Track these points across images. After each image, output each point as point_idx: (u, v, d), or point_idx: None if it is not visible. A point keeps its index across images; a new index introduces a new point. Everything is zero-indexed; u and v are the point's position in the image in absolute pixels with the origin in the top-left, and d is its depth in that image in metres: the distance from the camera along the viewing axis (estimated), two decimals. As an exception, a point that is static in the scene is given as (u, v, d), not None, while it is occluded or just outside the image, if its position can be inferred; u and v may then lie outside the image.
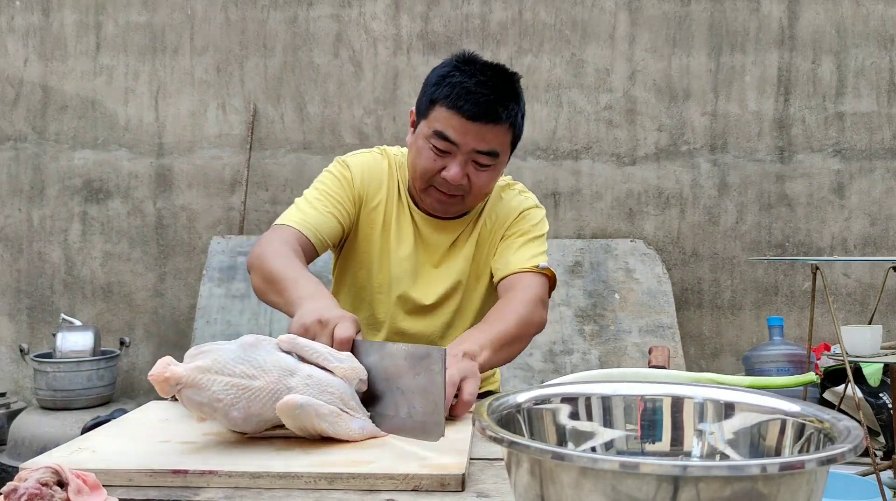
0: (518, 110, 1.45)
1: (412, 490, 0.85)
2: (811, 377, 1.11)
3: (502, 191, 1.62)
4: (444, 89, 1.41)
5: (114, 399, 3.34)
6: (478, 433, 0.65)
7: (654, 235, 3.62)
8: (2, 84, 3.74)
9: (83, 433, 1.14)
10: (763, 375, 3.11)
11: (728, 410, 0.73)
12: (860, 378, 2.68)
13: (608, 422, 0.75)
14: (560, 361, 3.24)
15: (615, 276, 3.43)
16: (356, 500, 0.83)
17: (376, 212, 1.56)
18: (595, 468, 0.54)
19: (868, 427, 2.79)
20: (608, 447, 0.75)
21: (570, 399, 0.76)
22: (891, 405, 2.87)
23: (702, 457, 0.73)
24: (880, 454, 2.92)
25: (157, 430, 1.06)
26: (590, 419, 0.75)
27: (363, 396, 1.06)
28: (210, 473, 0.87)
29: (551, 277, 1.54)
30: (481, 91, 1.39)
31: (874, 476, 2.19)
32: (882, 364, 2.61)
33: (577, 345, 3.28)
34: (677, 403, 0.75)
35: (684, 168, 3.63)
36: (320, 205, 1.50)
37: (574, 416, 0.75)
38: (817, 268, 2.41)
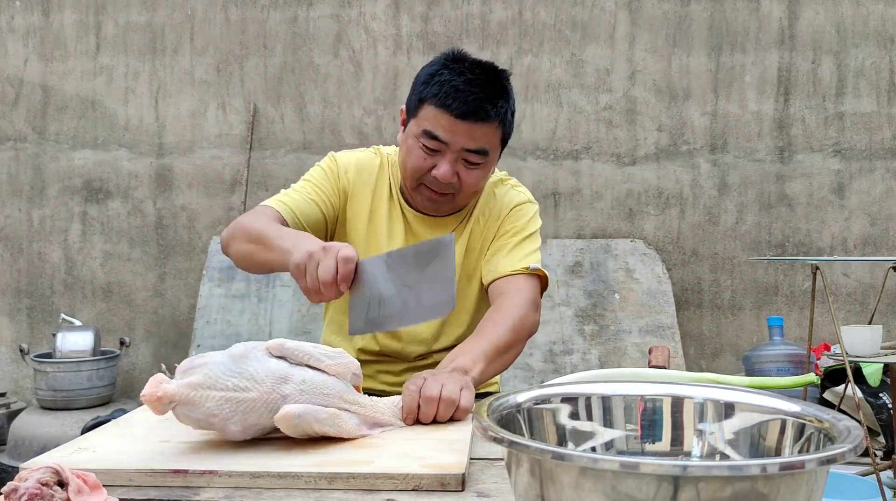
0: (507, 108, 1.45)
1: (412, 490, 0.85)
2: (811, 377, 1.11)
3: (495, 187, 1.61)
4: (432, 88, 1.41)
5: (114, 399, 3.34)
6: (478, 433, 0.65)
7: (654, 235, 3.62)
8: (2, 84, 3.74)
9: (83, 433, 1.14)
10: (763, 375, 3.12)
11: (728, 410, 0.73)
12: (860, 378, 2.68)
13: (608, 422, 0.75)
14: (560, 361, 3.24)
15: (615, 276, 3.43)
16: (356, 500, 0.83)
17: (363, 208, 1.56)
18: (595, 468, 0.54)
19: (868, 427, 2.79)
20: (608, 447, 0.75)
21: (570, 399, 0.76)
22: (891, 405, 2.87)
23: (702, 457, 0.73)
24: (880, 454, 2.92)
25: (157, 430, 1.06)
26: (590, 419, 0.76)
27: (374, 300, 1.08)
28: (210, 473, 0.87)
29: (543, 277, 1.53)
30: (470, 89, 1.39)
31: (874, 476, 2.19)
32: (882, 364, 2.61)
33: (577, 345, 3.28)
34: (677, 403, 0.75)
35: (684, 168, 3.62)
36: (304, 192, 1.52)
37: (574, 416, 0.75)
38: (817, 268, 2.41)
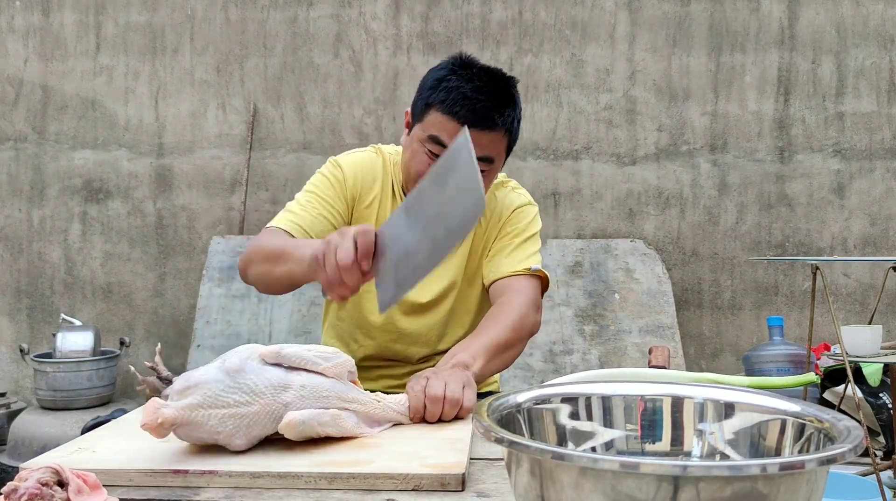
0: (514, 116, 1.44)
1: (412, 490, 0.85)
2: (811, 377, 1.11)
3: (496, 189, 1.61)
4: (440, 94, 1.40)
5: (114, 399, 3.34)
6: (478, 433, 0.65)
7: (654, 235, 3.62)
8: (2, 84, 3.74)
9: (83, 433, 1.14)
10: (763, 375, 3.12)
11: (728, 410, 0.73)
12: (860, 378, 2.68)
13: (608, 422, 0.75)
14: (560, 361, 3.24)
15: (615, 276, 3.43)
16: (356, 500, 0.83)
17: (370, 211, 1.56)
18: (595, 468, 0.54)
19: (868, 427, 2.79)
20: (608, 447, 0.75)
21: (570, 399, 0.76)
22: (891, 405, 2.87)
23: (702, 457, 0.73)
24: (880, 454, 2.92)
25: (157, 430, 1.06)
26: (590, 419, 0.75)
27: (400, 264, 1.10)
28: (210, 473, 0.87)
29: (544, 278, 1.53)
30: (477, 97, 1.38)
31: (874, 476, 2.19)
32: (882, 364, 2.60)
33: (577, 345, 3.28)
34: (677, 403, 0.75)
35: (684, 168, 3.62)
36: (311, 207, 1.50)
37: (574, 416, 0.75)
38: (817, 268, 2.41)
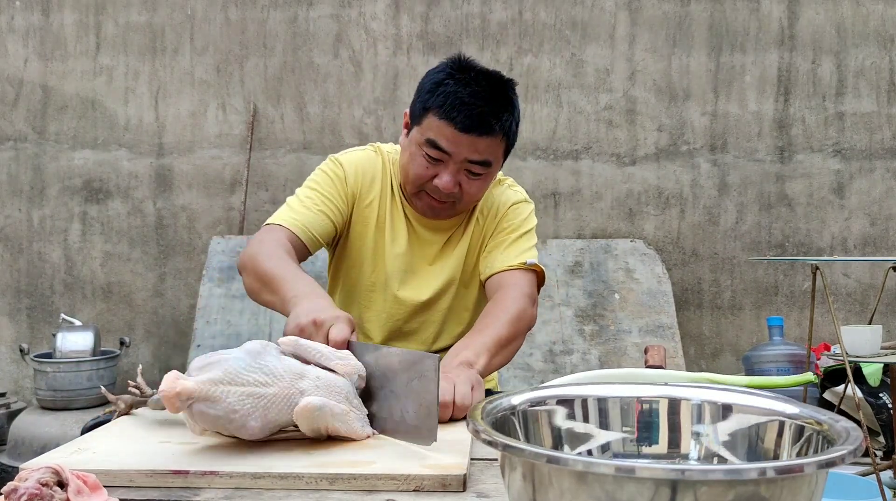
0: (512, 120, 1.44)
1: (413, 491, 0.85)
2: (809, 376, 1.11)
3: (493, 187, 1.62)
4: (437, 98, 1.40)
5: (114, 399, 3.34)
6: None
7: (654, 235, 3.62)
8: (2, 84, 3.74)
9: (83, 433, 1.14)
10: (763, 375, 3.11)
11: (726, 412, 0.73)
12: (860, 378, 2.68)
13: (604, 424, 0.75)
14: (560, 361, 3.24)
15: (615, 276, 3.43)
16: (357, 500, 0.83)
17: (370, 209, 1.56)
18: (590, 472, 0.54)
19: (868, 427, 2.79)
20: (604, 449, 0.74)
21: (565, 401, 0.76)
22: (891, 405, 2.87)
23: (699, 460, 0.72)
24: (880, 454, 2.92)
25: (157, 430, 1.06)
26: (586, 421, 0.75)
27: (360, 395, 1.07)
28: (211, 473, 0.87)
29: (539, 272, 1.54)
30: (475, 102, 1.38)
31: (874, 476, 2.19)
32: (882, 364, 2.61)
33: (577, 345, 3.28)
34: (674, 405, 0.75)
35: (684, 168, 3.62)
36: (311, 204, 1.50)
37: (570, 418, 0.75)
38: (817, 268, 2.41)
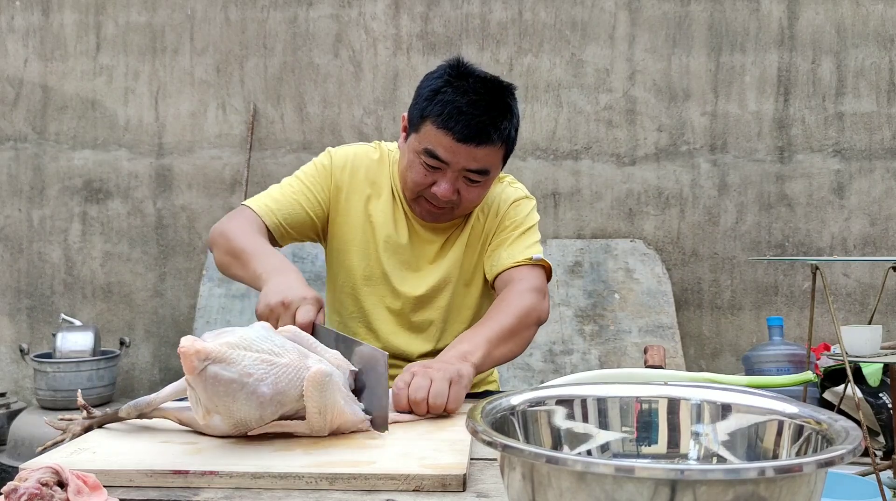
0: (510, 127, 1.43)
1: (413, 491, 0.85)
2: (809, 375, 1.12)
3: (493, 185, 1.62)
4: (435, 106, 1.39)
5: (114, 399, 3.34)
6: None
7: (654, 235, 3.62)
8: (2, 84, 3.74)
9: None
10: (763, 375, 3.11)
11: (725, 412, 0.73)
12: (860, 378, 2.68)
13: (604, 424, 0.75)
14: (560, 361, 3.24)
15: (615, 276, 3.43)
16: (357, 500, 0.83)
17: (358, 204, 1.55)
18: (589, 472, 0.54)
19: (868, 427, 2.79)
20: (604, 449, 0.74)
21: (565, 401, 0.76)
22: (891, 405, 2.87)
23: (699, 460, 0.72)
24: (880, 454, 2.92)
25: (157, 430, 1.06)
26: (585, 421, 0.75)
27: None
28: (211, 473, 0.87)
29: (547, 267, 1.54)
30: (473, 112, 1.37)
31: (874, 476, 2.19)
32: (882, 364, 2.61)
33: (577, 345, 3.28)
34: (674, 404, 0.75)
35: (684, 168, 3.62)
36: (289, 191, 1.52)
37: (569, 418, 0.75)
38: (817, 268, 2.41)
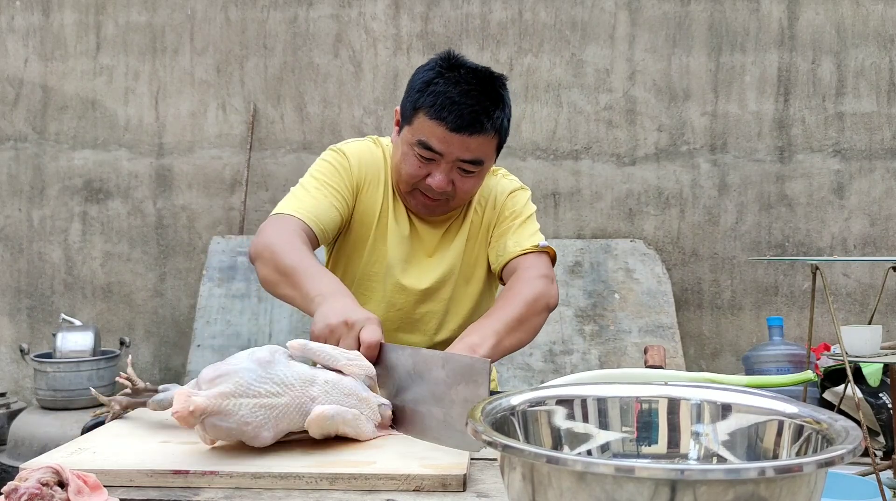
0: (503, 116, 1.44)
1: (413, 490, 0.85)
2: (809, 375, 1.11)
3: (487, 178, 1.63)
4: (428, 97, 1.39)
5: (114, 399, 3.34)
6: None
7: (654, 235, 3.62)
8: (2, 84, 3.74)
9: (83, 433, 1.14)
10: (763, 375, 3.11)
11: (725, 411, 0.73)
12: (860, 378, 2.68)
13: (604, 424, 0.75)
14: (560, 361, 3.24)
15: (615, 276, 3.43)
16: (357, 500, 0.83)
17: (372, 199, 1.56)
18: (590, 472, 0.54)
19: (868, 427, 2.79)
20: (604, 449, 0.74)
21: (565, 401, 0.76)
22: (891, 405, 2.87)
23: (699, 460, 0.72)
24: (880, 454, 2.92)
25: (157, 430, 1.06)
26: (585, 421, 0.75)
27: (399, 395, 1.07)
28: (211, 473, 0.87)
29: (552, 254, 1.55)
30: (465, 101, 1.38)
31: (874, 476, 2.19)
32: (882, 364, 2.61)
33: (577, 345, 3.28)
34: (674, 404, 0.75)
35: (684, 168, 3.62)
36: (320, 195, 1.48)
37: (570, 418, 0.75)
38: (817, 268, 2.40)
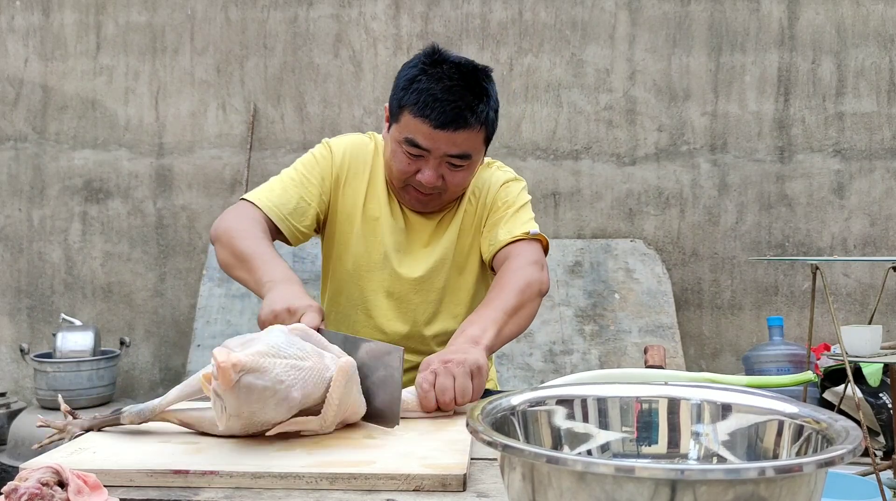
0: (488, 109, 1.45)
1: (413, 490, 0.85)
2: (809, 375, 1.11)
3: (482, 170, 1.64)
4: (411, 95, 1.41)
5: (114, 399, 3.34)
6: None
7: (654, 235, 3.62)
8: (2, 84, 3.74)
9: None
10: (763, 375, 3.12)
11: (725, 411, 0.73)
12: (860, 378, 2.68)
13: (604, 424, 0.75)
14: (560, 361, 3.24)
15: (615, 276, 3.43)
16: (357, 500, 0.83)
17: (357, 195, 1.57)
18: (590, 472, 0.54)
19: (868, 427, 2.79)
20: (604, 449, 0.74)
21: (565, 401, 0.76)
22: (891, 405, 2.87)
23: (699, 460, 0.72)
24: (880, 454, 2.92)
25: (157, 430, 1.06)
26: (585, 421, 0.75)
27: None
28: (211, 473, 0.87)
29: (544, 241, 1.55)
30: (448, 98, 1.39)
31: (874, 476, 2.19)
32: (882, 364, 2.61)
33: (577, 345, 3.28)
34: (674, 404, 0.75)
35: (684, 168, 3.62)
36: (292, 187, 1.53)
37: (570, 418, 0.75)
38: (817, 268, 2.41)
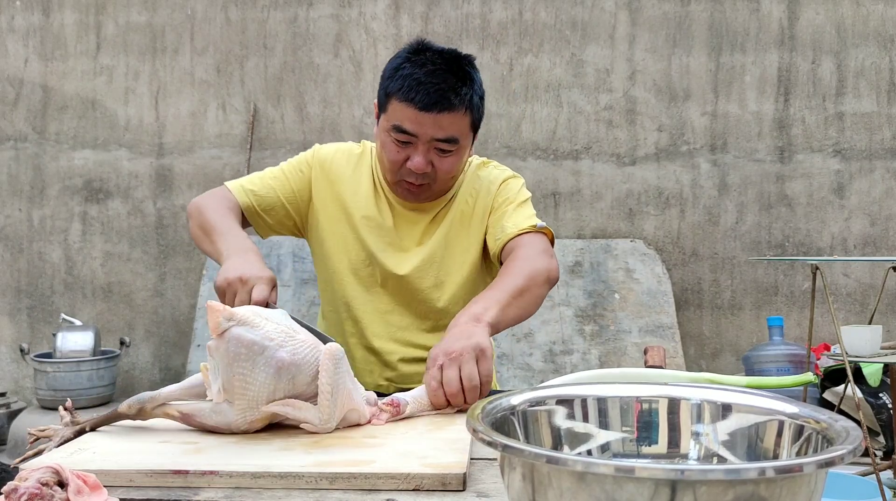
0: (472, 93, 1.47)
1: (413, 490, 0.85)
2: (809, 376, 1.11)
3: (479, 170, 1.66)
4: (396, 82, 1.45)
5: (114, 399, 3.34)
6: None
7: (654, 235, 3.62)
8: (2, 84, 3.74)
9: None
10: (763, 375, 3.12)
11: (725, 411, 0.73)
12: (860, 378, 2.68)
13: (604, 424, 0.75)
14: (560, 361, 3.24)
15: (615, 276, 3.43)
16: (357, 500, 0.83)
17: (340, 194, 1.61)
18: (589, 472, 0.54)
19: (868, 427, 2.79)
20: (604, 449, 0.75)
21: (565, 401, 0.76)
22: (891, 405, 2.87)
23: (699, 460, 0.72)
24: (880, 454, 2.92)
25: (157, 430, 1.06)
26: (586, 421, 0.75)
27: None
28: (211, 473, 0.87)
29: (550, 236, 1.56)
30: (432, 81, 1.43)
31: (874, 476, 2.19)
32: (882, 364, 2.61)
33: (577, 345, 3.28)
34: (674, 404, 0.75)
35: (684, 168, 3.63)
36: (268, 178, 1.61)
37: (570, 418, 0.75)
38: (817, 268, 2.41)
